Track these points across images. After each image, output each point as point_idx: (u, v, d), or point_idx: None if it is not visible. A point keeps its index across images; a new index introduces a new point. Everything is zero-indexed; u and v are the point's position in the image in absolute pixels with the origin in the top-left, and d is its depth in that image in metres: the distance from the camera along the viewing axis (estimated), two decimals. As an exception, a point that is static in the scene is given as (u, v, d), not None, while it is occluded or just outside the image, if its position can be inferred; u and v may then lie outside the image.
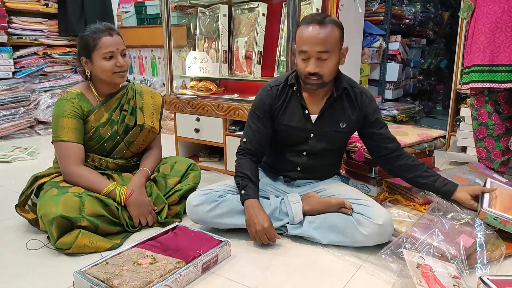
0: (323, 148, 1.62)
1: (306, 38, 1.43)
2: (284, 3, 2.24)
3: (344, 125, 1.59)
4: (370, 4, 3.33)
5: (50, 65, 3.87)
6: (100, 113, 1.70)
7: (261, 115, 1.61)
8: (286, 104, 1.60)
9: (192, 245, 1.39)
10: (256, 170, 1.61)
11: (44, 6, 3.72)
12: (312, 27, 1.42)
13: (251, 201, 1.51)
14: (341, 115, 1.58)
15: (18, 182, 2.20)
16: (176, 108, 2.55)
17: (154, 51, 3.94)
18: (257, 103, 1.62)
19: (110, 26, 1.65)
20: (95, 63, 1.63)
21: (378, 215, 1.42)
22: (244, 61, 2.49)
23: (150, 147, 1.87)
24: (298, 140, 1.62)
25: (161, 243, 1.43)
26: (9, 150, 2.94)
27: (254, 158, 1.62)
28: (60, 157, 1.62)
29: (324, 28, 1.42)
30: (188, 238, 1.45)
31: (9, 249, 1.51)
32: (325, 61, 1.44)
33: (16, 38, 3.60)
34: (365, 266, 1.38)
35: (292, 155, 1.66)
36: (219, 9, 2.50)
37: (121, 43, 1.65)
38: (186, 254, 1.34)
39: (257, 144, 1.61)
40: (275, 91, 1.60)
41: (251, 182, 1.55)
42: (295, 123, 1.59)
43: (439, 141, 2.04)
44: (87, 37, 1.61)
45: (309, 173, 1.69)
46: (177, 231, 1.52)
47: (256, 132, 1.61)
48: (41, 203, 1.49)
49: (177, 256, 1.33)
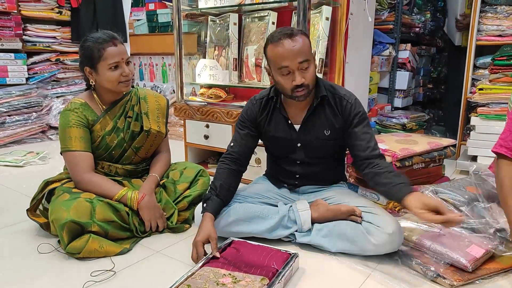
0: (314, 156, 1.63)
1: (283, 54, 1.43)
2: (294, 12, 2.25)
3: (328, 132, 1.58)
4: (380, 12, 3.33)
5: (63, 72, 3.93)
6: (105, 121, 1.71)
7: (247, 124, 1.65)
8: (270, 116, 1.63)
9: (261, 260, 1.34)
10: (232, 180, 1.59)
11: (58, 14, 3.80)
12: (285, 42, 1.42)
13: (205, 215, 1.48)
14: (324, 122, 1.58)
15: (29, 186, 2.23)
16: (186, 115, 2.57)
17: (165, 58, 3.99)
18: (244, 112, 1.67)
19: (113, 35, 1.64)
20: (100, 74, 1.63)
21: (387, 223, 1.41)
22: (253, 68, 2.51)
23: (158, 151, 1.88)
24: (287, 150, 1.64)
25: (228, 260, 1.36)
26: (21, 154, 2.99)
27: (234, 167, 1.61)
28: (70, 167, 1.64)
29: (296, 39, 1.43)
30: (252, 252, 1.39)
31: (21, 253, 1.53)
32: (307, 70, 1.46)
33: (30, 45, 3.67)
34: (374, 275, 1.37)
35: (287, 165, 1.68)
36: (230, 18, 2.53)
37: (125, 52, 1.65)
38: (263, 270, 1.28)
39: (242, 149, 1.63)
40: (259, 104, 1.64)
41: (215, 195, 1.52)
42: (280, 133, 1.62)
43: (449, 150, 2.03)
44: (91, 48, 1.60)
45: (309, 179, 1.69)
46: (236, 245, 1.45)
47: (242, 138, 1.64)
48: (52, 207, 1.51)
49: (254, 273, 1.27)
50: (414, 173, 1.92)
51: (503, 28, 2.57)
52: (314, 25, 2.17)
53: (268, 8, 2.40)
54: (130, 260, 1.47)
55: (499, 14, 2.58)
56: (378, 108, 3.25)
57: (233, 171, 1.60)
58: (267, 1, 2.36)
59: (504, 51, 2.43)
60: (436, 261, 1.34)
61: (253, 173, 2.19)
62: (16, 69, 3.54)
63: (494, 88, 2.46)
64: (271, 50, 1.46)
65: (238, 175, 1.64)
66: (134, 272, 1.39)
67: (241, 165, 1.64)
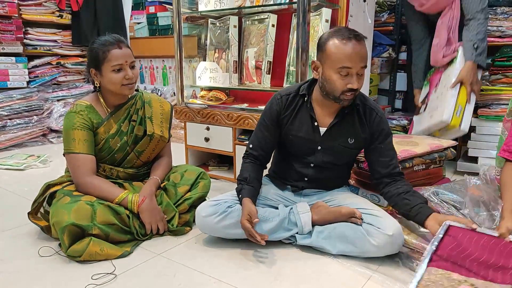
0: (330, 161, 1.62)
1: (350, 55, 1.40)
2: (294, 14, 2.26)
3: (352, 140, 1.58)
4: (380, 14, 3.34)
5: (63, 75, 3.93)
6: (109, 124, 1.72)
7: (268, 123, 1.62)
8: (295, 114, 1.60)
9: (495, 257, 1.11)
10: (257, 172, 1.64)
11: (59, 18, 3.81)
12: (353, 44, 1.40)
13: (243, 200, 1.52)
14: (350, 130, 1.57)
15: (30, 189, 2.24)
16: (186, 117, 2.58)
17: (165, 61, 4.00)
18: (266, 111, 1.64)
19: (119, 38, 1.66)
20: (104, 75, 1.65)
21: (388, 225, 1.41)
22: (254, 71, 2.51)
23: (160, 156, 1.88)
24: (305, 151, 1.62)
25: (450, 254, 1.16)
26: (22, 158, 2.99)
27: (258, 162, 1.66)
28: (72, 169, 1.65)
29: (362, 44, 1.43)
30: (476, 245, 1.16)
31: (22, 256, 1.53)
32: (362, 77, 1.45)
33: (31, 48, 3.69)
34: (375, 276, 1.37)
35: (300, 166, 1.66)
36: (230, 20, 2.53)
37: (130, 55, 1.67)
38: (506, 274, 1.06)
39: (262, 151, 1.65)
40: (285, 100, 1.61)
41: (247, 184, 1.58)
42: (303, 134, 1.59)
43: (450, 151, 2.03)
44: (96, 49, 1.63)
45: (317, 184, 1.69)
46: (452, 233, 1.23)
47: (262, 140, 1.64)
48: (53, 210, 1.51)
49: (495, 279, 1.06)
50: (414, 175, 1.92)
51: (503, 29, 2.57)
52: (314, 27, 2.17)
53: (268, 10, 2.41)
54: (131, 263, 1.47)
55: (499, 15, 2.58)
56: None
57: (257, 165, 1.65)
58: (267, 3, 2.36)
59: (504, 52, 2.44)
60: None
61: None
62: (17, 73, 3.54)
63: (494, 89, 2.46)
64: (336, 46, 1.41)
65: (261, 169, 1.69)
66: (135, 275, 1.39)
67: (261, 164, 1.69)
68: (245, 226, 1.43)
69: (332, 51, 1.42)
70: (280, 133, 1.64)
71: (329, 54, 1.43)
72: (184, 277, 1.38)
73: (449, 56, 2.43)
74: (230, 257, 1.52)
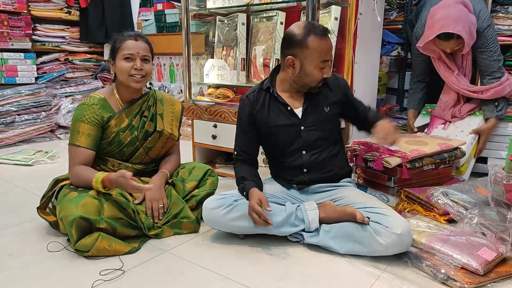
0: (317, 137, 1.66)
1: (328, 49, 1.56)
2: (302, 12, 2.25)
3: (328, 108, 1.68)
4: (389, 12, 3.31)
5: (71, 71, 3.96)
6: (121, 118, 1.73)
7: (243, 125, 1.71)
8: (268, 107, 1.68)
9: None
10: (252, 170, 1.71)
11: (67, 14, 3.83)
12: (326, 38, 1.56)
13: (249, 192, 1.55)
14: (323, 101, 1.68)
15: (38, 185, 2.25)
16: (193, 115, 2.57)
17: (173, 58, 4.00)
18: (239, 114, 1.73)
19: (139, 33, 1.73)
20: (116, 64, 1.68)
21: (396, 224, 1.40)
22: (261, 68, 2.50)
23: (169, 153, 1.89)
24: (291, 137, 1.67)
25: None
26: (30, 153, 3.01)
27: (247, 163, 1.73)
28: (69, 160, 1.67)
29: (328, 37, 1.57)
30: None
31: (30, 251, 1.54)
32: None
33: (39, 44, 3.71)
34: (384, 276, 1.36)
35: (293, 159, 1.67)
36: (238, 18, 2.52)
37: (144, 49, 1.69)
38: None
39: (246, 154, 1.72)
40: (252, 98, 1.70)
41: (246, 180, 1.63)
42: (282, 121, 1.66)
43: (459, 151, 2.01)
44: (115, 40, 1.70)
45: (316, 171, 1.68)
46: None
47: (242, 144, 1.73)
48: (61, 205, 1.51)
49: None
50: (424, 174, 1.90)
51: (514, 28, 2.54)
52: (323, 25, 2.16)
53: (277, 8, 2.39)
54: (139, 259, 1.48)
55: (510, 14, 2.55)
56: (386, 108, 3.22)
57: (248, 165, 1.72)
58: (276, 1, 2.35)
59: (515, 51, 2.41)
60: (447, 263, 1.33)
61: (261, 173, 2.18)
62: (25, 69, 3.57)
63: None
64: (316, 42, 1.53)
65: (254, 168, 1.75)
66: (142, 271, 1.40)
67: (252, 164, 1.74)
68: (256, 208, 1.47)
69: (315, 47, 1.53)
70: (260, 131, 1.69)
71: (312, 50, 1.53)
72: (192, 274, 1.38)
73: (458, 118, 2.44)
74: (238, 254, 1.52)
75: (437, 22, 2.16)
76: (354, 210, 1.48)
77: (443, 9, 2.18)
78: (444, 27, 2.12)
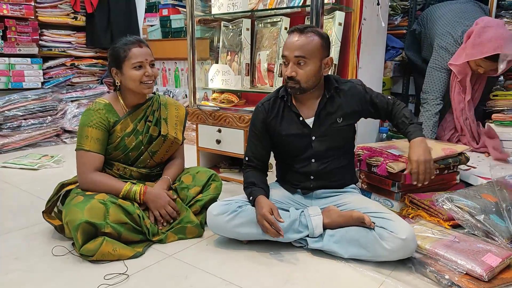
0: (328, 147, 1.64)
1: (286, 44, 1.56)
2: (307, 17, 2.26)
3: (341, 119, 1.64)
4: (393, 18, 3.32)
5: (77, 76, 3.99)
6: (126, 123, 1.74)
7: (257, 131, 1.70)
8: (281, 116, 1.67)
9: None
10: (261, 177, 1.71)
11: (73, 19, 3.86)
12: (293, 35, 1.55)
13: (257, 198, 1.56)
14: (336, 111, 1.64)
15: (44, 189, 2.26)
16: (198, 119, 2.59)
17: (178, 63, 4.02)
18: (253, 121, 1.72)
19: (139, 38, 1.72)
20: (125, 73, 1.68)
21: (401, 229, 1.40)
22: (266, 73, 2.51)
23: (173, 157, 1.90)
24: (302, 146, 1.66)
25: None
26: (36, 157, 3.03)
27: (258, 170, 1.73)
28: (77, 165, 1.68)
29: (303, 36, 1.53)
30: None
31: (35, 254, 1.55)
32: (302, 67, 1.53)
33: (46, 49, 3.75)
34: (388, 281, 1.35)
35: (302, 166, 1.67)
36: (242, 23, 2.54)
37: (150, 54, 1.71)
38: None
39: (257, 160, 1.72)
40: (267, 106, 1.69)
41: (255, 186, 1.63)
42: (294, 130, 1.65)
43: (464, 156, 2.00)
44: (118, 49, 1.68)
45: (324, 180, 1.68)
46: None
47: (255, 150, 1.72)
48: (67, 209, 1.53)
49: None
50: (428, 180, 1.89)
51: (519, 33, 2.53)
52: (327, 31, 2.17)
53: (281, 13, 2.41)
54: (143, 264, 1.48)
55: (515, 19, 2.55)
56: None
57: (258, 172, 1.73)
58: (280, 6, 2.37)
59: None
60: (451, 269, 1.32)
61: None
62: (32, 74, 3.60)
63: (509, 94, 2.43)
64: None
65: (264, 175, 1.76)
66: (146, 276, 1.40)
67: (262, 171, 1.75)
68: (268, 217, 1.47)
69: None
70: (272, 138, 1.69)
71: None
72: (196, 279, 1.38)
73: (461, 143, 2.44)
74: (241, 259, 1.52)
75: (490, 42, 2.11)
76: (362, 214, 1.48)
77: (494, 29, 2.13)
78: (500, 48, 2.09)
